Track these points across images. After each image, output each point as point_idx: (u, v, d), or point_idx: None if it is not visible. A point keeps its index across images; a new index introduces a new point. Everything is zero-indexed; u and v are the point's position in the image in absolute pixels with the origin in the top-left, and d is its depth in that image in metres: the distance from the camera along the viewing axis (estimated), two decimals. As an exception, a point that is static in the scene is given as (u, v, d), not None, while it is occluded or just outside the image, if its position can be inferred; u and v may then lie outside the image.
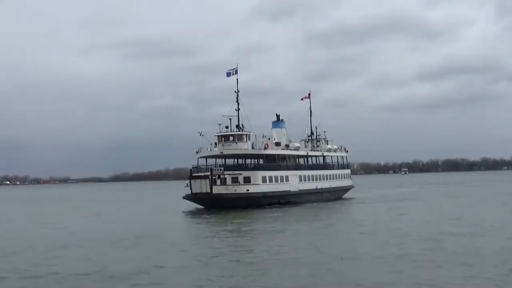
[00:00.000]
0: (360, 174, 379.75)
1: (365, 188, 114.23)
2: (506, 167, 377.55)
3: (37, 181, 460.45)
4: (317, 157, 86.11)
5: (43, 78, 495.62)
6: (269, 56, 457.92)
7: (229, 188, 63.99)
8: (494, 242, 31.09)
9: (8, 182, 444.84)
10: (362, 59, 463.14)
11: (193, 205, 67.34)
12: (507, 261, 24.84)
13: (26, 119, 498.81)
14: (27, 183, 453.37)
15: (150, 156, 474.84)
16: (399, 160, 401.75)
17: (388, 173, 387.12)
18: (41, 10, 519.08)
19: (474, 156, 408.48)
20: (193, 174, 66.28)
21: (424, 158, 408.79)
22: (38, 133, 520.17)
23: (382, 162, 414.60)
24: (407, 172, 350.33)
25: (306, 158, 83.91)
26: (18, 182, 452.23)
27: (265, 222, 47.37)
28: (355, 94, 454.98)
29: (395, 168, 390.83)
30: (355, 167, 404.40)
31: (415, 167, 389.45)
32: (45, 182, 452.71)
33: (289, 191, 71.35)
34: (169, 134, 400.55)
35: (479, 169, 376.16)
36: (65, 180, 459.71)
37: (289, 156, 76.93)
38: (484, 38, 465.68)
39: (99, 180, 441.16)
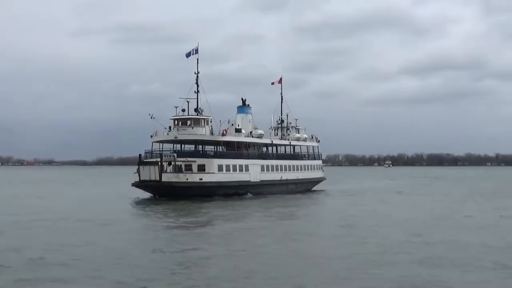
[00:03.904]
0: (345, 165, 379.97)
1: (338, 181, 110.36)
2: (490, 163, 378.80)
3: (20, 163, 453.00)
4: (285, 146, 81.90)
5: (33, 60, 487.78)
6: (259, 46, 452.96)
7: (180, 176, 59.07)
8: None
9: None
10: (351, 53, 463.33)
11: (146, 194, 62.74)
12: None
13: (13, 100, 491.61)
14: (10, 164, 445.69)
15: (137, 141, 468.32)
16: (384, 153, 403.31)
17: (373, 165, 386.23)
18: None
19: (459, 151, 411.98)
20: (142, 160, 61.80)
21: (409, 152, 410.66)
22: (25, 115, 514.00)
23: (367, 155, 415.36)
24: (391, 165, 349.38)
25: (272, 147, 79.61)
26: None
27: (205, 214, 43.27)
28: (343, 86, 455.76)
29: (380, 161, 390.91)
30: (340, 158, 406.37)
31: (399, 161, 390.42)
32: (29, 163, 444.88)
33: (248, 181, 66.82)
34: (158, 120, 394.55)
35: (463, 165, 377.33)
36: (49, 163, 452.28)
37: (252, 144, 72.38)
38: (470, 36, 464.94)
39: (84, 163, 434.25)
